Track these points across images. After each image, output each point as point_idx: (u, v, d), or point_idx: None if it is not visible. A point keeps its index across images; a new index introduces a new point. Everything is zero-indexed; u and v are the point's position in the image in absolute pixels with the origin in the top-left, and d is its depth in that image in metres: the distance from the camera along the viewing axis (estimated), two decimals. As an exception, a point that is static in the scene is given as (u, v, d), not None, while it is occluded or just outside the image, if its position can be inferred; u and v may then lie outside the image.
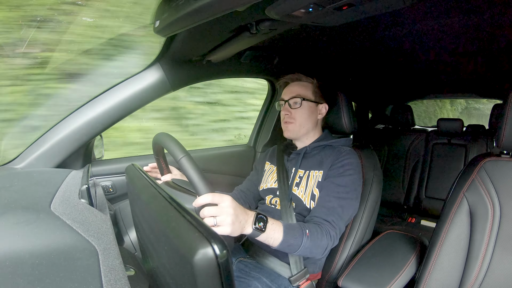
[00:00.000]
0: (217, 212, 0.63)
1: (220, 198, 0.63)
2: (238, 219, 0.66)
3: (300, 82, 1.10)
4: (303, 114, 1.06)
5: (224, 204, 0.63)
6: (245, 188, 1.21)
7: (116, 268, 0.46)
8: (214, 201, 0.63)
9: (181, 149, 0.63)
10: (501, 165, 0.84)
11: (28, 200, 0.64)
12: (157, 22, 0.80)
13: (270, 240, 0.75)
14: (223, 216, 0.63)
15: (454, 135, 2.22)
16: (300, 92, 1.06)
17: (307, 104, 1.06)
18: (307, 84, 1.09)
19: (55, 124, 1.03)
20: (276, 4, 0.67)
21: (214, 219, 0.63)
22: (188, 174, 0.61)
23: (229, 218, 0.63)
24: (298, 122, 1.06)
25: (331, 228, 0.87)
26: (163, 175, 0.90)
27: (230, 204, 0.64)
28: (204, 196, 0.62)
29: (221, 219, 0.63)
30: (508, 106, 0.80)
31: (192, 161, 0.62)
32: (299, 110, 1.05)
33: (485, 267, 0.79)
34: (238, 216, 0.66)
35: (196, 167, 0.61)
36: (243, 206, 1.16)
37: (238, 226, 0.66)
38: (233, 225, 0.64)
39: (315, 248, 0.82)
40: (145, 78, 1.09)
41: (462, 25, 0.98)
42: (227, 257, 0.36)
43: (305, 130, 1.07)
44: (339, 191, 0.93)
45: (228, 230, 0.63)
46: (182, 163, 0.61)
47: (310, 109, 1.07)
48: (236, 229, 0.65)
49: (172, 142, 0.66)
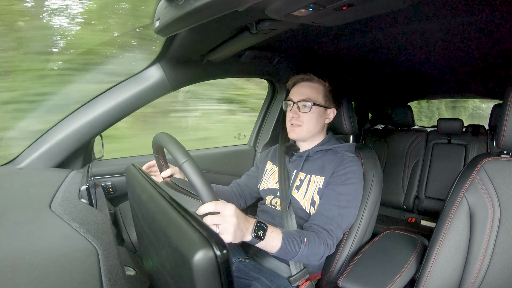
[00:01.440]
0: (219, 220, 0.63)
1: (223, 207, 0.64)
2: (240, 228, 0.67)
3: (310, 83, 1.06)
4: (312, 119, 1.03)
5: (226, 213, 0.64)
6: (242, 183, 1.21)
7: (116, 268, 0.46)
8: (217, 209, 0.63)
9: (184, 153, 0.63)
10: (501, 165, 0.84)
11: (28, 200, 0.64)
12: (157, 22, 0.80)
13: (268, 247, 0.76)
14: (225, 225, 0.64)
15: (454, 135, 2.22)
16: (311, 95, 1.03)
17: (317, 108, 1.03)
18: (319, 87, 1.05)
19: (55, 124, 1.03)
20: (276, 4, 0.67)
21: (216, 228, 0.64)
22: (191, 179, 0.61)
23: (232, 228, 0.64)
24: (306, 126, 1.03)
25: (329, 237, 0.87)
26: (161, 171, 0.90)
27: (233, 213, 0.65)
28: (207, 204, 0.62)
29: (224, 228, 0.64)
30: (508, 106, 0.80)
31: (195, 166, 0.61)
32: (307, 115, 1.02)
33: (485, 267, 0.79)
34: (240, 224, 0.67)
35: (200, 172, 0.61)
36: (238, 200, 1.17)
37: (239, 234, 0.67)
38: (234, 234, 0.65)
39: (312, 256, 0.84)
40: (145, 78, 1.09)
41: (462, 25, 0.98)
42: (227, 258, 0.36)
43: (312, 134, 1.06)
44: (339, 199, 0.92)
45: (230, 238, 0.64)
46: (184, 167, 0.61)
47: (318, 114, 1.04)
48: (237, 237, 0.66)
49: (175, 145, 0.65)
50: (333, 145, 1.05)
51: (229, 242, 0.65)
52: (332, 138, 1.12)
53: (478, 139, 2.17)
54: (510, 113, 0.80)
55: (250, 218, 0.73)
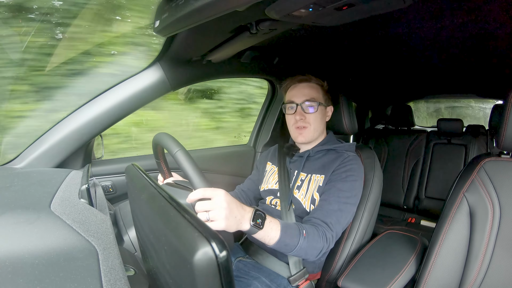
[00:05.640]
0: (210, 206, 0.61)
1: (212, 192, 0.61)
2: (233, 214, 0.63)
3: (309, 83, 1.07)
4: (317, 118, 1.04)
5: (217, 198, 0.61)
6: (246, 188, 1.21)
7: (116, 268, 0.46)
8: (207, 195, 0.61)
9: (176, 144, 0.63)
10: (501, 166, 0.84)
11: (28, 200, 0.64)
12: (157, 22, 0.80)
13: (266, 239, 0.73)
14: (216, 211, 0.61)
15: (454, 135, 2.22)
16: (314, 95, 1.04)
17: (321, 108, 1.04)
18: (317, 86, 1.07)
19: (55, 124, 1.03)
20: (276, 4, 0.67)
21: (207, 214, 0.61)
22: (183, 167, 0.60)
23: (223, 212, 0.61)
24: (313, 126, 1.04)
25: (328, 230, 0.86)
26: (164, 178, 0.90)
27: (224, 198, 0.62)
28: (196, 191, 0.61)
29: (214, 214, 0.61)
30: (508, 106, 0.80)
31: (187, 155, 0.61)
32: (313, 115, 1.03)
33: (485, 267, 0.79)
34: (233, 210, 0.63)
35: (191, 160, 0.61)
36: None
37: (234, 221, 0.63)
38: (227, 220, 0.61)
39: (311, 250, 0.82)
40: (145, 78, 1.09)
41: (462, 25, 0.98)
42: (227, 257, 0.36)
43: (318, 134, 1.07)
44: (340, 195, 0.92)
45: (222, 224, 0.61)
46: (177, 156, 0.61)
47: (322, 113, 1.06)
48: (231, 224, 0.63)
49: (168, 138, 0.66)
50: (334, 145, 1.06)
51: (228, 235, 0.62)
52: (333, 137, 1.12)
53: (478, 139, 2.17)
54: (511, 113, 0.80)
55: (246, 206, 0.70)
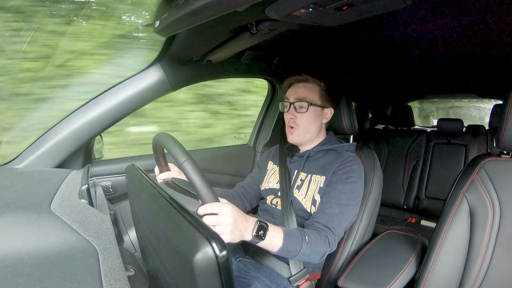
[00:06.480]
0: (216, 221, 0.63)
1: (219, 208, 0.63)
2: (238, 228, 0.66)
3: (306, 84, 1.06)
4: (309, 119, 1.03)
5: (224, 214, 0.64)
6: (246, 185, 1.21)
7: (116, 268, 0.46)
8: (214, 211, 0.63)
9: (184, 152, 0.63)
10: (501, 166, 0.84)
11: (28, 200, 0.64)
12: (157, 22, 0.80)
13: (269, 247, 0.76)
14: (222, 226, 0.64)
15: (454, 135, 2.22)
16: (307, 95, 1.03)
17: (313, 109, 1.03)
18: (314, 87, 1.06)
19: (55, 124, 1.03)
20: (276, 4, 0.67)
21: (213, 228, 0.63)
22: (191, 179, 0.61)
23: (229, 228, 0.64)
24: (302, 127, 1.03)
25: (330, 234, 0.87)
26: (161, 171, 0.90)
27: (230, 214, 0.64)
28: (204, 206, 0.62)
29: (221, 229, 0.64)
30: (508, 107, 0.80)
31: (195, 166, 0.61)
32: (304, 115, 1.02)
33: (485, 267, 0.79)
34: (238, 225, 0.66)
35: (199, 172, 0.61)
36: (243, 202, 1.17)
37: (238, 235, 0.67)
38: (232, 234, 0.65)
39: (314, 254, 0.84)
40: (145, 78, 1.09)
41: (462, 25, 0.98)
42: (227, 257, 0.36)
43: (310, 135, 1.05)
44: (341, 197, 0.92)
45: (228, 238, 0.64)
46: (184, 167, 0.61)
47: (315, 114, 1.04)
48: (235, 237, 0.66)
49: (174, 145, 0.65)
50: (334, 145, 1.05)
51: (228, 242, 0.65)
52: (333, 138, 1.12)
53: (478, 139, 2.17)
54: (511, 114, 0.80)
55: (250, 217, 0.72)
